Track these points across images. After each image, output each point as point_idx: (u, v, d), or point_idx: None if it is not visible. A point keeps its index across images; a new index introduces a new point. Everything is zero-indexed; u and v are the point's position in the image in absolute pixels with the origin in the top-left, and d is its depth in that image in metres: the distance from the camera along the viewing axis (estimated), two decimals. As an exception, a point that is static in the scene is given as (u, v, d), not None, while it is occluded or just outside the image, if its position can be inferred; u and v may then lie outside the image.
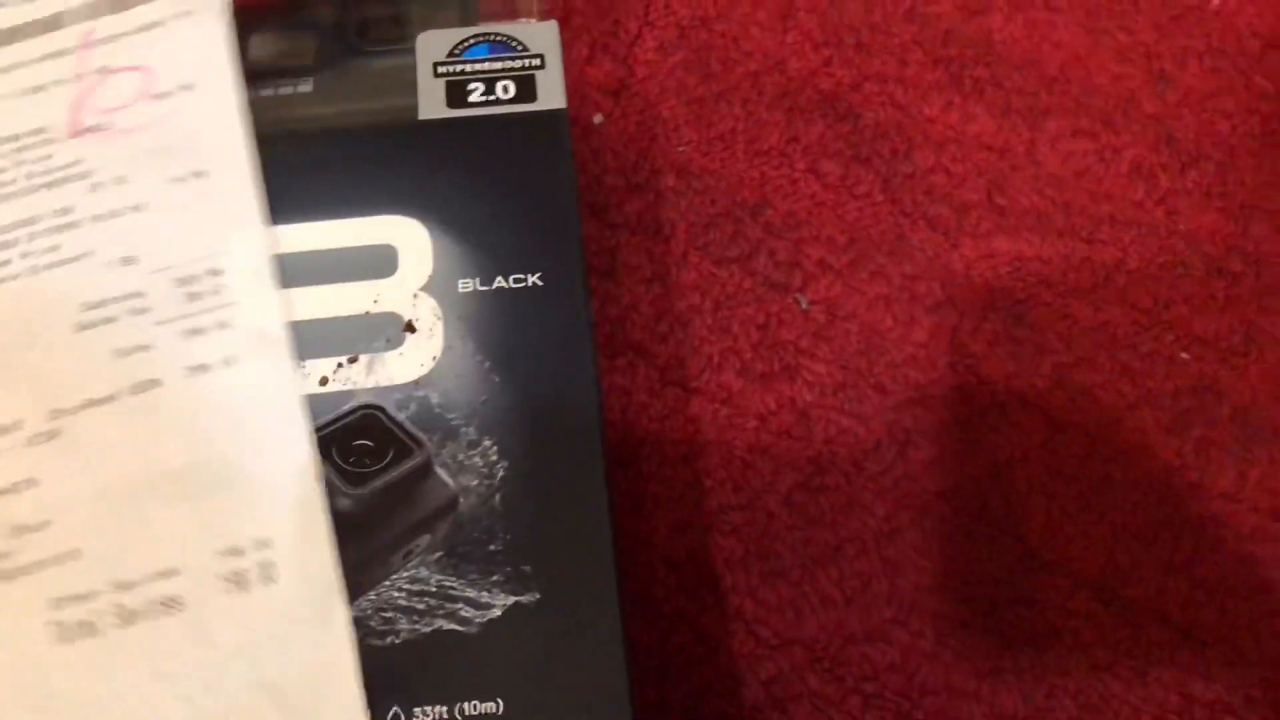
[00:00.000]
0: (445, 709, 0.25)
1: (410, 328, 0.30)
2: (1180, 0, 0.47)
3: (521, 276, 0.31)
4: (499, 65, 0.36)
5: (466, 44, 0.36)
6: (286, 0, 0.39)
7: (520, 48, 0.36)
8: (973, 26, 0.47)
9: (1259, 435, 0.37)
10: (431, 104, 0.35)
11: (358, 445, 0.28)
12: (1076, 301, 0.40)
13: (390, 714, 0.25)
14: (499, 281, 0.31)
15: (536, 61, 0.36)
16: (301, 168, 0.33)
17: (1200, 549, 0.35)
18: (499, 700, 0.26)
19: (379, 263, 0.31)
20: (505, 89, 0.35)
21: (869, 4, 0.47)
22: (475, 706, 0.25)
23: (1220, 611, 0.34)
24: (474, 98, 0.35)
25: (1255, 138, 0.44)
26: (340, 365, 0.30)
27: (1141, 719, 0.33)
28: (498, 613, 0.26)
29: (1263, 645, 0.34)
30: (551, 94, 0.35)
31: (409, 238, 0.32)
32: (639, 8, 0.47)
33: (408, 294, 0.31)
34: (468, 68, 0.36)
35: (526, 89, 0.35)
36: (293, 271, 0.31)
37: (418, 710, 0.25)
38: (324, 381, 0.29)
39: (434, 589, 0.27)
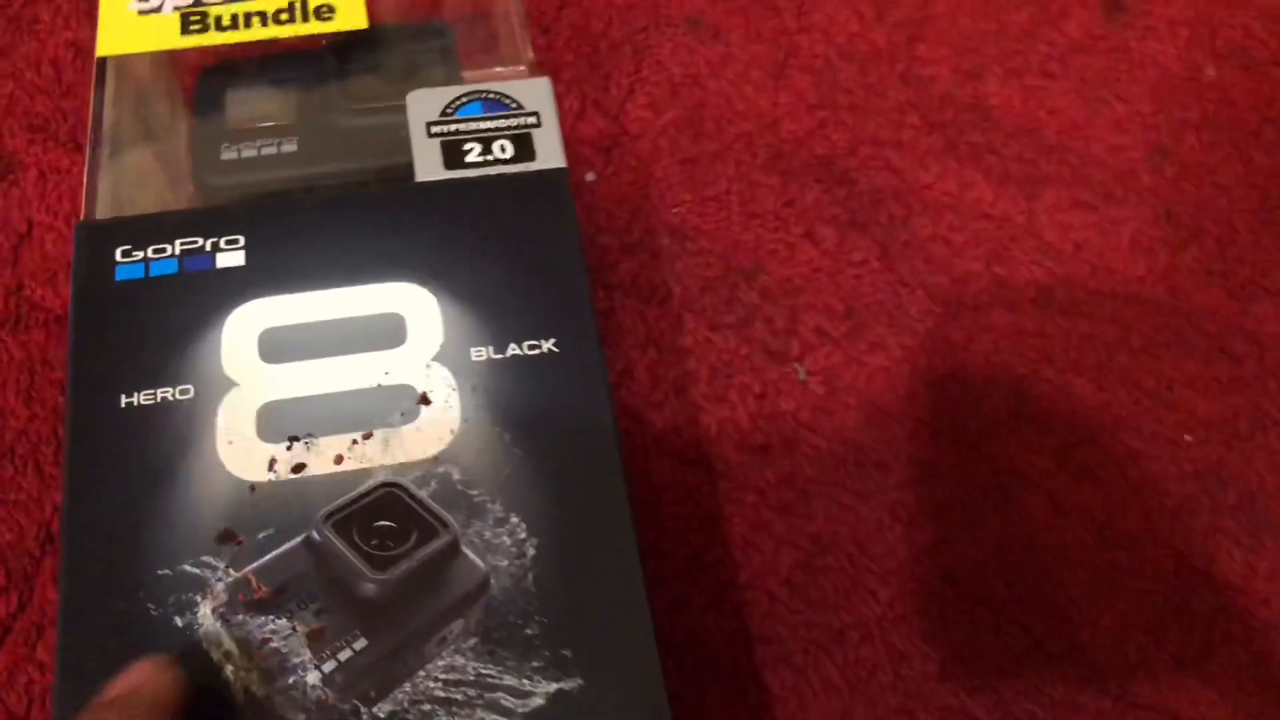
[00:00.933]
0: None
1: (425, 400, 0.29)
2: (1176, 71, 0.47)
3: (536, 343, 0.30)
4: (494, 124, 0.35)
5: (459, 102, 0.35)
6: (262, 57, 0.38)
7: (515, 105, 0.35)
8: (968, 91, 0.47)
9: (1267, 524, 0.36)
10: (428, 165, 0.34)
11: (380, 526, 0.27)
12: (1078, 379, 0.39)
13: None
14: (513, 349, 0.30)
15: (532, 119, 0.35)
16: (295, 232, 0.32)
17: (1210, 644, 0.34)
18: None
19: (387, 332, 0.30)
20: (503, 148, 0.34)
21: (863, 66, 0.47)
22: None
23: (1232, 711, 0.33)
24: (471, 158, 0.34)
25: (1255, 214, 0.44)
26: (355, 442, 0.28)
27: (1154, 821, 0.32)
28: (540, 701, 0.25)
29: (1276, 744, 0.33)
30: (550, 152, 0.34)
31: (416, 306, 0.31)
32: (630, 63, 0.46)
33: (420, 365, 0.30)
34: (462, 127, 0.34)
35: (524, 148, 0.34)
36: (299, 344, 0.30)
37: None
38: (339, 460, 0.28)
39: (472, 678, 0.25)
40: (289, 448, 0.28)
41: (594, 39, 0.46)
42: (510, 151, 0.34)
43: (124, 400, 0.29)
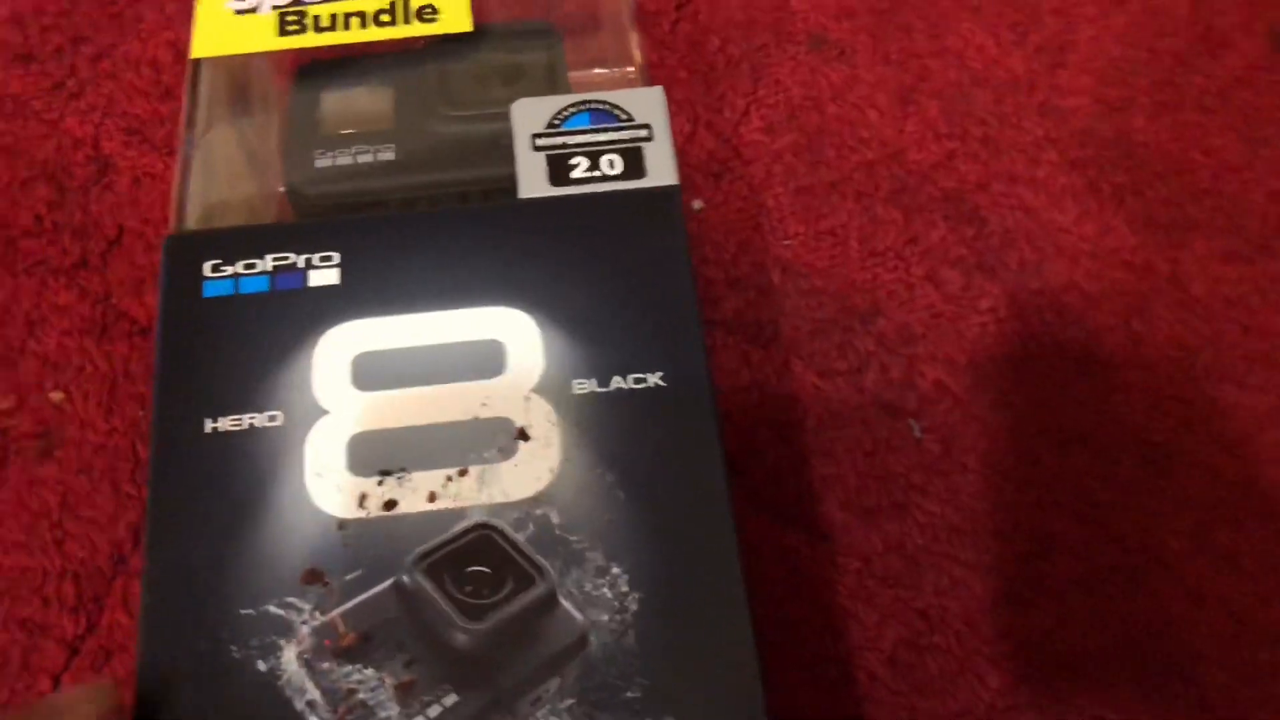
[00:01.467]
0: None
1: (524, 435, 0.30)
2: (1347, 115, 0.47)
3: (642, 376, 0.31)
4: (603, 137, 0.35)
5: (567, 113, 0.36)
6: (360, 56, 0.39)
7: (625, 117, 0.36)
8: (1111, 125, 0.47)
9: None
10: (532, 181, 0.34)
11: (473, 572, 0.28)
12: (1221, 453, 0.39)
13: None
14: (617, 382, 0.31)
15: (644, 133, 0.35)
16: (393, 250, 0.33)
17: (1360, 757, 0.34)
18: None
19: (485, 361, 0.31)
20: (611, 164, 0.35)
21: (998, 94, 0.47)
22: None
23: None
24: (577, 173, 0.34)
25: None
26: (450, 479, 0.29)
27: None
28: None
29: None
30: (662, 168, 0.34)
31: (517, 332, 0.31)
32: (747, 83, 0.47)
33: (519, 396, 0.30)
34: (569, 140, 0.35)
35: (634, 163, 0.35)
36: (394, 371, 0.31)
37: None
38: (432, 498, 0.29)
39: None
40: (380, 483, 0.29)
41: (710, 56, 0.47)
42: (619, 167, 0.35)
43: (209, 426, 0.30)
